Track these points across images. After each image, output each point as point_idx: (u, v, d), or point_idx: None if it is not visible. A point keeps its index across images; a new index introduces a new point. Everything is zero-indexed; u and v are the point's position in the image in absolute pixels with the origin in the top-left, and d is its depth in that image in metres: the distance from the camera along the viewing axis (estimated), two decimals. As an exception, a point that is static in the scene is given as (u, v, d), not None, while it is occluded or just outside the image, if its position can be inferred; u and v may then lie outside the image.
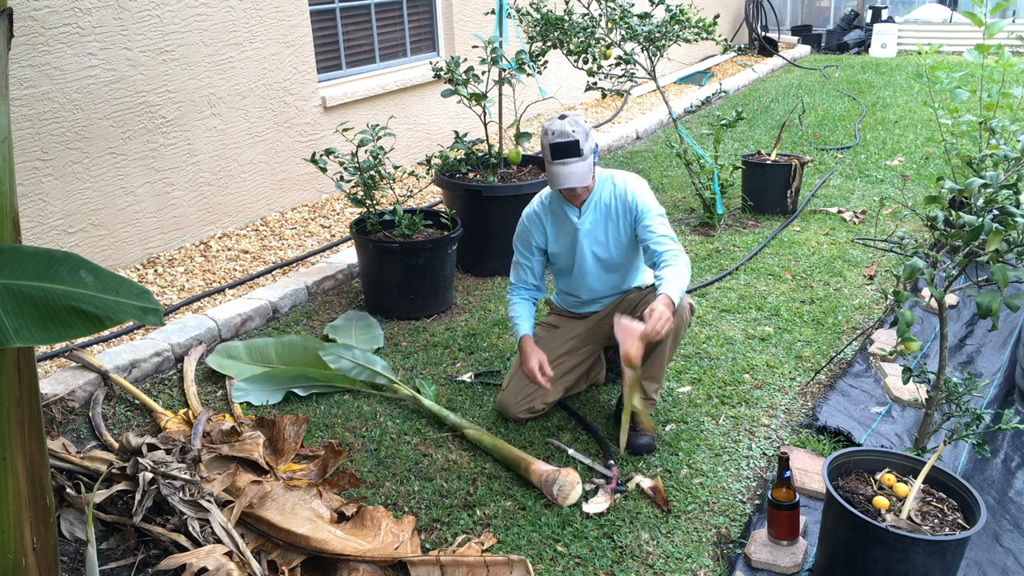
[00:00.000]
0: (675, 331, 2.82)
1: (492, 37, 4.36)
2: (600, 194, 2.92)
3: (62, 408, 3.05)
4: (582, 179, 2.76)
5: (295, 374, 3.32)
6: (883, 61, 11.41)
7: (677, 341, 2.89)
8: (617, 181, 2.92)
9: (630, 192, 2.88)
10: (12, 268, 1.60)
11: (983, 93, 4.11)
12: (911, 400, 3.20)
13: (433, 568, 2.32)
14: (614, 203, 2.90)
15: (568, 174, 2.75)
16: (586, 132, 2.75)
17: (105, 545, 2.43)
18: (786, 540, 2.41)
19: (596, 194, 2.92)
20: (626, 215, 2.89)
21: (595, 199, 2.92)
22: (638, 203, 2.87)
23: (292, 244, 4.78)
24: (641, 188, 2.91)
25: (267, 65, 4.99)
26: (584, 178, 2.76)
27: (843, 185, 5.93)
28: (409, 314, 3.96)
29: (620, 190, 2.90)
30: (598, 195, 2.92)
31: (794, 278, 4.35)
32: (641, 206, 2.87)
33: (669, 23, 4.87)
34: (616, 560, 2.41)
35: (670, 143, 5.86)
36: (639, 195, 2.88)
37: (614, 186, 2.92)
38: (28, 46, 3.75)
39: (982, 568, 2.37)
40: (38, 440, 1.85)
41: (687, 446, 2.94)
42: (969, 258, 2.40)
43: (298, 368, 3.36)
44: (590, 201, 2.92)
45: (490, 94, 4.38)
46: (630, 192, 2.88)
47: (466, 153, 4.47)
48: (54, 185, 3.98)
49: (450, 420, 3.04)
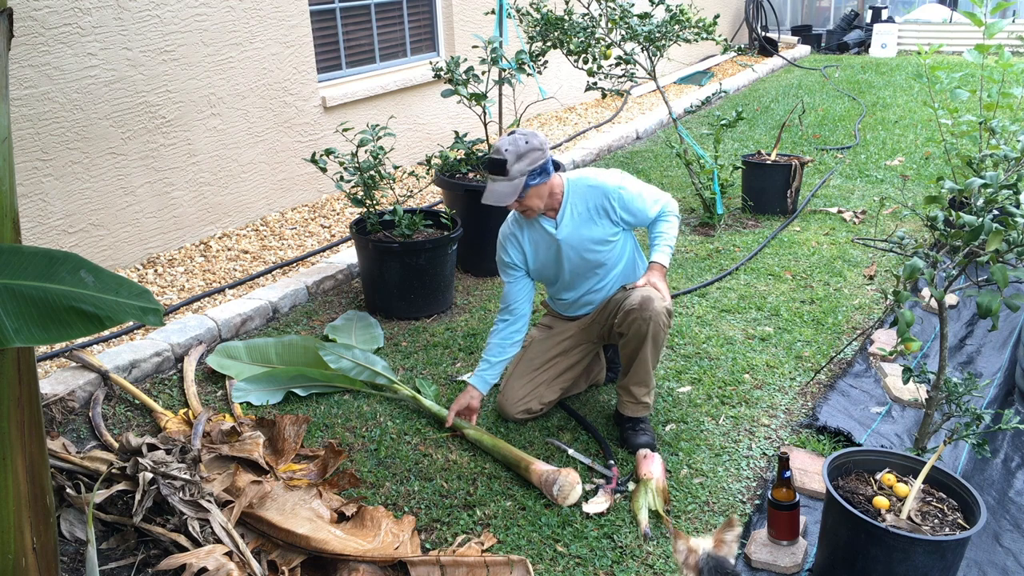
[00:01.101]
0: (654, 335, 2.81)
1: (492, 37, 4.36)
2: (573, 200, 2.89)
3: (62, 408, 3.05)
4: (501, 198, 2.74)
5: (295, 374, 3.32)
6: (883, 61, 11.41)
7: (658, 345, 2.86)
8: (591, 182, 2.89)
9: (607, 189, 2.87)
10: (12, 268, 1.60)
11: (983, 93, 4.12)
12: (911, 400, 3.20)
13: (433, 568, 2.32)
14: (590, 203, 2.88)
15: (490, 191, 2.76)
16: (520, 153, 2.70)
17: (105, 545, 2.43)
18: (786, 540, 2.41)
19: (569, 201, 2.89)
20: (609, 212, 2.88)
21: (569, 205, 2.89)
22: (620, 198, 2.86)
23: (292, 244, 4.78)
24: (620, 182, 2.89)
25: (267, 65, 4.99)
26: (504, 198, 2.74)
27: (843, 185, 5.93)
28: (409, 314, 3.96)
29: (595, 189, 2.88)
30: (572, 201, 2.89)
31: (794, 278, 4.35)
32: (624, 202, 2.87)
33: (669, 23, 4.88)
34: (616, 560, 2.41)
35: (670, 143, 5.86)
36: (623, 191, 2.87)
37: (588, 188, 2.89)
38: (28, 46, 3.75)
39: (982, 568, 2.37)
40: (38, 440, 1.85)
41: (687, 446, 2.94)
42: (969, 258, 2.40)
43: (298, 368, 3.36)
44: (564, 209, 2.89)
45: (490, 94, 4.38)
46: (607, 189, 2.87)
47: (466, 153, 4.47)
48: (54, 185, 3.98)
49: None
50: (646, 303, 2.77)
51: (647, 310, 2.76)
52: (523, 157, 2.71)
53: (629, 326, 2.82)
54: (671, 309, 2.85)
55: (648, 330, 2.78)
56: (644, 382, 2.91)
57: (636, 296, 2.80)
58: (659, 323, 2.79)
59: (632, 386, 2.91)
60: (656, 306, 2.77)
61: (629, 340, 2.84)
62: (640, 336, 2.80)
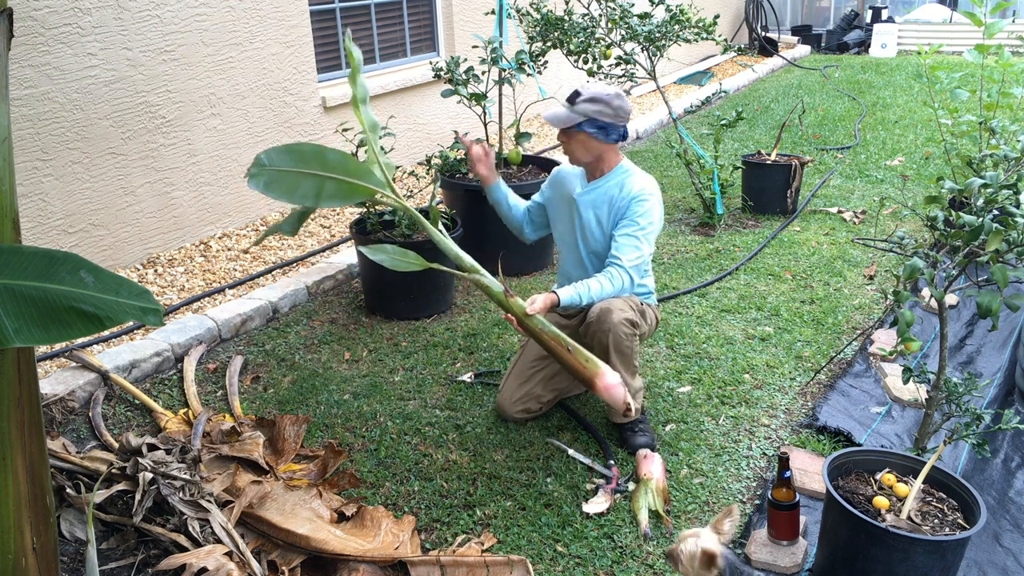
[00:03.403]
0: (616, 346, 2.80)
1: (492, 37, 4.36)
2: (610, 183, 2.94)
3: (62, 408, 3.05)
4: (554, 118, 2.85)
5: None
6: (883, 61, 11.41)
7: (623, 353, 2.83)
8: (629, 180, 2.91)
9: (630, 194, 2.86)
10: (12, 268, 1.60)
11: (983, 93, 4.11)
12: (911, 400, 3.20)
13: (433, 568, 2.32)
14: (618, 195, 2.90)
15: (552, 111, 2.87)
16: (597, 98, 2.79)
17: (105, 545, 2.43)
18: (786, 540, 2.41)
19: (606, 181, 2.95)
20: (617, 211, 2.89)
21: (604, 184, 2.95)
22: (630, 207, 2.85)
23: (292, 244, 4.78)
24: (647, 196, 2.86)
25: (267, 65, 4.99)
26: (556, 118, 2.84)
27: (843, 185, 5.93)
28: (409, 314, 3.96)
29: (628, 188, 2.89)
30: (607, 183, 2.94)
31: (794, 278, 4.35)
32: (629, 212, 2.85)
33: (669, 23, 4.87)
34: (616, 560, 2.41)
35: (670, 143, 5.86)
36: (637, 200, 2.85)
37: (624, 183, 2.91)
38: (28, 46, 3.75)
39: (982, 568, 2.37)
40: (38, 440, 1.85)
41: (687, 446, 2.94)
42: (969, 258, 2.40)
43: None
44: (597, 184, 2.95)
45: (490, 94, 4.38)
46: (630, 194, 2.86)
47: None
48: (54, 185, 3.98)
49: (466, 263, 2.64)
50: (604, 315, 2.78)
51: (605, 322, 2.78)
52: (596, 102, 2.81)
53: (592, 337, 2.83)
54: (632, 319, 2.81)
55: (609, 341, 2.80)
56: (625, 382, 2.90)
57: (595, 309, 2.82)
58: (618, 333, 2.79)
59: None
60: (614, 318, 2.77)
61: (595, 352, 2.78)
62: (603, 347, 2.81)
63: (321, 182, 2.26)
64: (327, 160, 2.27)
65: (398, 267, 2.56)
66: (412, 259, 2.55)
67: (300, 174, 2.23)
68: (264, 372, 3.50)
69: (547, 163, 4.73)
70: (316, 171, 2.25)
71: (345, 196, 2.31)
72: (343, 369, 3.51)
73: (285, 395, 3.31)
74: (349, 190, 2.31)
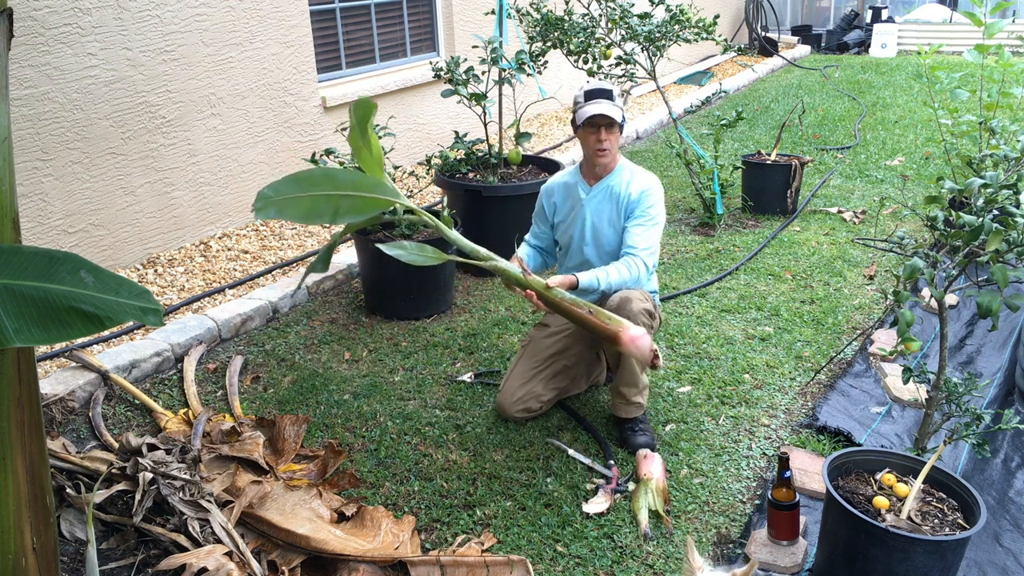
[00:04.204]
0: None
1: (492, 37, 4.36)
2: (613, 181, 3.00)
3: (62, 408, 3.05)
4: (611, 109, 2.86)
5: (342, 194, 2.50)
6: (883, 61, 11.41)
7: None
8: (635, 177, 3.00)
9: (639, 189, 2.95)
10: (12, 268, 1.60)
11: (983, 93, 4.11)
12: (911, 400, 3.19)
13: (433, 568, 2.32)
14: (624, 192, 2.97)
15: (600, 105, 2.88)
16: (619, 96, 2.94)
17: (105, 545, 2.43)
18: (786, 540, 2.41)
19: (609, 180, 3.00)
20: (627, 206, 2.96)
21: (608, 184, 3.00)
22: (640, 201, 2.93)
23: (292, 244, 4.78)
24: (651, 189, 2.97)
25: (267, 65, 4.99)
26: (614, 110, 2.87)
27: (843, 185, 5.93)
28: (409, 314, 3.96)
29: (636, 184, 2.97)
30: (611, 182, 3.00)
31: (794, 278, 4.35)
32: (640, 207, 2.93)
33: (669, 23, 4.87)
34: (616, 560, 2.41)
35: (670, 143, 5.86)
36: (646, 194, 2.94)
37: (630, 180, 2.99)
38: (28, 46, 3.75)
39: (982, 568, 2.37)
40: (38, 440, 1.85)
41: (687, 446, 2.94)
42: (969, 258, 2.40)
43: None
44: (601, 184, 3.00)
45: (490, 94, 4.38)
46: (639, 189, 2.95)
47: (466, 153, 4.47)
48: (54, 185, 3.98)
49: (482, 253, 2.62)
50: (624, 303, 2.80)
51: (625, 310, 2.78)
52: (619, 100, 2.93)
53: None
54: (651, 310, 2.86)
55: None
56: (633, 382, 2.92)
57: (615, 299, 2.84)
58: (638, 322, 2.79)
59: (622, 387, 2.93)
60: (634, 307, 2.79)
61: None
62: None
63: (337, 200, 2.29)
64: (338, 179, 2.30)
65: (415, 262, 2.57)
66: (430, 253, 2.57)
67: (313, 197, 2.25)
68: (264, 372, 3.50)
69: (547, 163, 4.73)
70: (329, 191, 2.28)
71: (361, 210, 2.34)
72: (343, 369, 3.51)
73: (285, 395, 3.31)
74: (364, 204, 2.34)
